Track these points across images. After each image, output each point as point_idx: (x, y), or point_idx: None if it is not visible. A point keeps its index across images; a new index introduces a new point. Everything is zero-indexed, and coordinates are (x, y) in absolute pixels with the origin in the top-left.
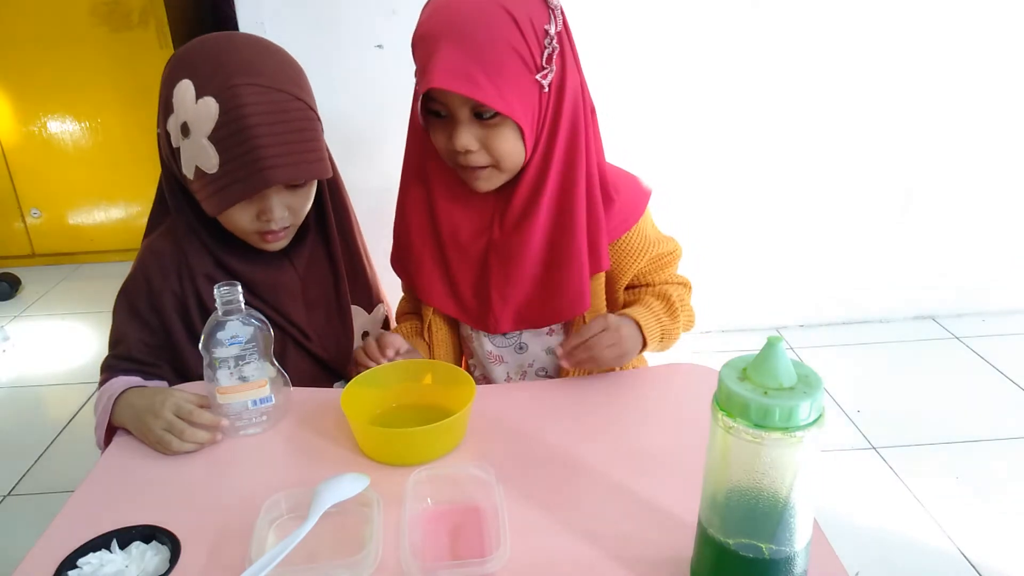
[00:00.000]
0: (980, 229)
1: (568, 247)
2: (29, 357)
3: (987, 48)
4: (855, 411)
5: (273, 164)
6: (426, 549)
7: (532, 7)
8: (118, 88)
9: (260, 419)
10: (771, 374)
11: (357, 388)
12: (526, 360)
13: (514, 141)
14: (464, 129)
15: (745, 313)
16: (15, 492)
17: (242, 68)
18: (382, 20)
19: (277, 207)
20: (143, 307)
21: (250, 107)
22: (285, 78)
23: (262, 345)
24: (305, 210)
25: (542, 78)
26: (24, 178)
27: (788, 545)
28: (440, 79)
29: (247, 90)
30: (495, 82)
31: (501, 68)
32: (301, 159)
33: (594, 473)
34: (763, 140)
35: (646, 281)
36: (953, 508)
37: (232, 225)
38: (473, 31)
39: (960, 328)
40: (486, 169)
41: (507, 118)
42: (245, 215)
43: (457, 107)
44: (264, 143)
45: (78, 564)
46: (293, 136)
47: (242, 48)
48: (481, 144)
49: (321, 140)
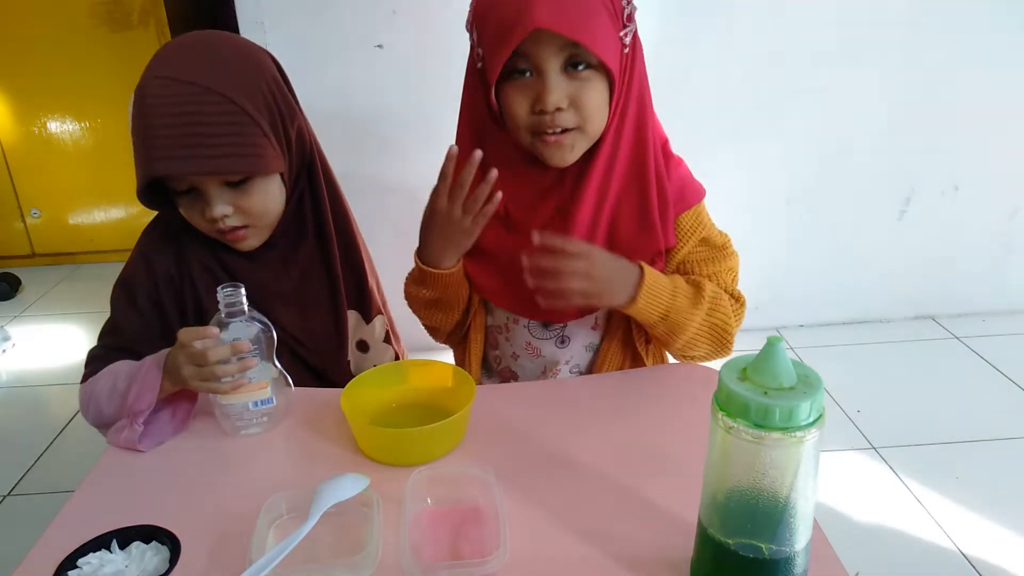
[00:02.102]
0: (980, 229)
1: (644, 221)
2: (29, 357)
3: (988, 48)
4: (855, 411)
5: (158, 155)
6: (426, 549)
7: None
8: (118, 88)
9: (261, 420)
10: (771, 374)
11: (357, 388)
12: (564, 355)
13: (603, 97)
14: (555, 84)
15: (746, 314)
16: (15, 492)
17: (161, 63)
18: (382, 20)
19: (216, 204)
20: (140, 295)
21: (151, 99)
22: (204, 72)
23: (264, 347)
24: (261, 210)
25: (624, 36)
26: (24, 178)
27: (788, 545)
28: (543, 18)
29: (153, 83)
30: (591, 28)
31: (595, 14)
32: (200, 152)
33: (594, 473)
34: (763, 139)
35: (691, 270)
36: (953, 508)
37: (193, 224)
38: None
39: (960, 328)
40: (571, 133)
41: (596, 72)
42: (194, 214)
43: (548, 59)
44: (155, 134)
45: (78, 564)
46: (193, 130)
47: (187, 44)
48: (570, 102)
49: (243, 135)
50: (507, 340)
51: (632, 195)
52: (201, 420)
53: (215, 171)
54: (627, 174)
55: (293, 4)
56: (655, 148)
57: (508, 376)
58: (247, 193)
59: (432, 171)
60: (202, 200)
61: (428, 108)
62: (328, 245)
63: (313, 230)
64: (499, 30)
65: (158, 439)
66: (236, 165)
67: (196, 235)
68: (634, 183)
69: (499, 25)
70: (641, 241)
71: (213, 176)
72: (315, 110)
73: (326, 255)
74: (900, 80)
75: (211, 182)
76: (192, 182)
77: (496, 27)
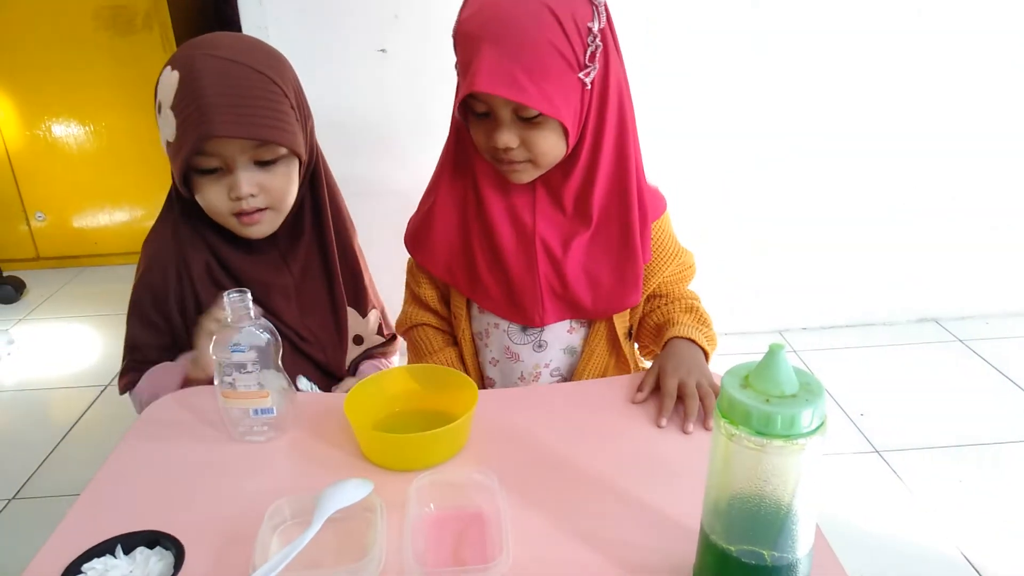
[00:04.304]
0: (984, 231)
1: (624, 238)
2: (34, 360)
3: (990, 51)
4: (858, 414)
5: (217, 119)
6: (429, 554)
7: (575, 4)
8: (122, 91)
9: (262, 428)
10: (773, 381)
11: (360, 393)
12: (543, 359)
13: (555, 139)
14: (505, 129)
15: (748, 316)
16: (20, 496)
17: (205, 46)
18: (385, 24)
19: (244, 182)
20: (150, 311)
21: (203, 71)
22: (250, 55)
23: (270, 355)
24: (283, 192)
25: (585, 76)
26: (29, 181)
27: (791, 552)
28: (483, 82)
29: (204, 59)
30: (538, 83)
31: (544, 68)
32: (249, 119)
33: (596, 479)
34: (766, 142)
35: (667, 292)
36: (957, 512)
37: (207, 205)
38: (515, 31)
39: (964, 331)
40: (523, 163)
41: (550, 118)
42: (216, 192)
43: (499, 107)
44: (210, 100)
45: (83, 569)
46: (244, 100)
47: (218, 35)
48: (521, 141)
49: (284, 112)
50: (487, 346)
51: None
52: (204, 426)
53: (266, 138)
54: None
55: (296, 8)
56: (637, 163)
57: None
58: (274, 173)
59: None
60: (227, 178)
61: (430, 112)
62: (327, 243)
63: (312, 228)
64: (460, 69)
65: None
66: (282, 137)
67: (197, 235)
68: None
69: (460, 65)
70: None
71: (255, 144)
72: (317, 113)
73: (325, 253)
74: (903, 80)
75: (242, 158)
76: (225, 158)
77: (459, 65)
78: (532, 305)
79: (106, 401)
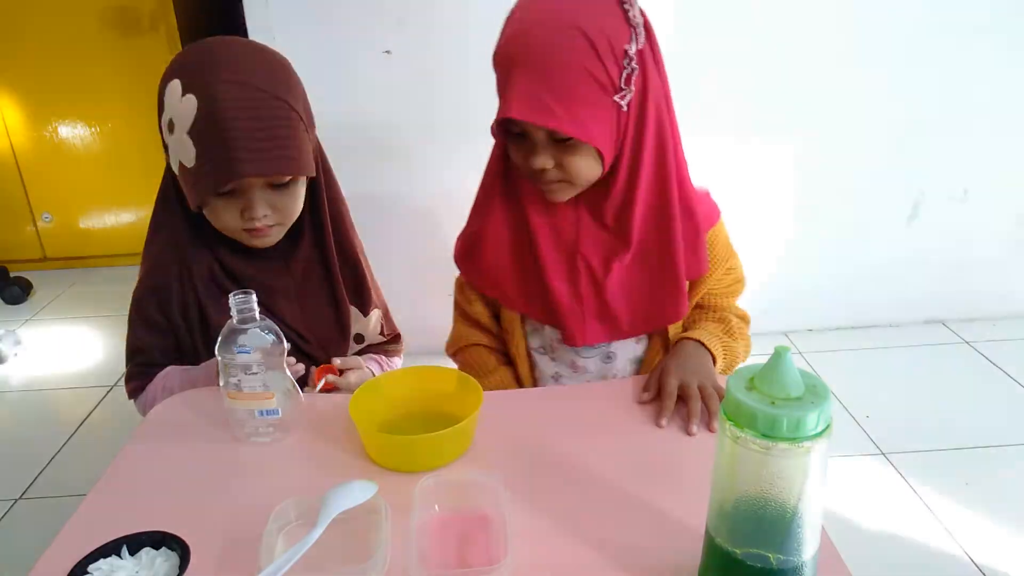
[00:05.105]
0: (990, 232)
1: (666, 256)
2: (40, 361)
3: (998, 51)
4: (864, 416)
5: (243, 158)
6: (433, 556)
7: (611, 26)
8: (128, 93)
9: (267, 429)
10: (779, 384)
11: (365, 395)
12: (611, 371)
13: (590, 161)
14: (540, 151)
15: (754, 317)
16: (26, 496)
17: (223, 66)
18: (390, 26)
19: (259, 205)
20: (153, 312)
21: (224, 102)
22: (266, 77)
23: (274, 356)
24: (294, 209)
25: (620, 99)
26: (35, 182)
27: (796, 555)
28: (516, 109)
29: (223, 87)
30: (570, 108)
31: (576, 93)
32: (272, 154)
33: (601, 481)
34: (772, 144)
35: (712, 304)
36: (963, 514)
37: (218, 222)
38: (547, 57)
39: (970, 333)
40: (559, 183)
41: None
42: (229, 212)
43: (534, 131)
44: (234, 136)
45: (88, 570)
46: (266, 132)
47: (230, 49)
48: (556, 163)
49: (300, 139)
50: (552, 360)
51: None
52: (209, 427)
53: (287, 172)
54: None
55: (301, 10)
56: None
57: None
58: (287, 194)
59: (436, 175)
60: (241, 200)
61: (435, 114)
62: (326, 244)
63: (311, 229)
64: (498, 93)
65: None
66: (300, 168)
67: (198, 239)
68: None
69: (498, 88)
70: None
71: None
72: (322, 115)
73: (324, 252)
74: (910, 83)
75: (258, 183)
76: (242, 185)
77: (497, 88)
78: (575, 324)
79: (112, 401)
